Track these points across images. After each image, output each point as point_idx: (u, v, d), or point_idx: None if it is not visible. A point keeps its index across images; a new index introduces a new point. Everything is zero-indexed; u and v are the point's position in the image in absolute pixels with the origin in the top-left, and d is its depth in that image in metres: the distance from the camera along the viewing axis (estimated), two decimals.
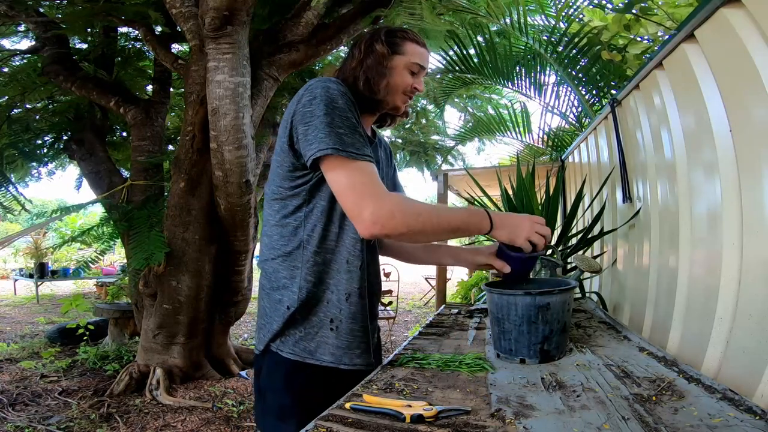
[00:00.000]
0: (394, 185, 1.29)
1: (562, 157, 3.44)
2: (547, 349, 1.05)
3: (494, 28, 3.72)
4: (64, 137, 4.24)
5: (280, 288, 1.03)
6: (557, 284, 1.13)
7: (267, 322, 1.05)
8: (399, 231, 0.94)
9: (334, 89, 0.97)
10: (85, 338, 4.02)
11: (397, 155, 6.87)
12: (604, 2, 3.16)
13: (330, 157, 0.93)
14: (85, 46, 3.97)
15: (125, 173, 4.03)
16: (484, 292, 1.28)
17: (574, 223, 2.23)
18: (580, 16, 3.20)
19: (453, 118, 7.40)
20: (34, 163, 4.83)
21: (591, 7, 3.11)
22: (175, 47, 3.95)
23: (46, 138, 4.52)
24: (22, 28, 3.89)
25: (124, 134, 4.83)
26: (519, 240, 1.03)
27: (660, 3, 2.27)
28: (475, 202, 2.45)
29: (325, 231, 1.02)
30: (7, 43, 4.14)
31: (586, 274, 2.11)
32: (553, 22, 3.65)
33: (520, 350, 1.06)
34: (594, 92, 3.44)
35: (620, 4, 2.29)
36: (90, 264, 3.55)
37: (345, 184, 0.93)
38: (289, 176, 1.02)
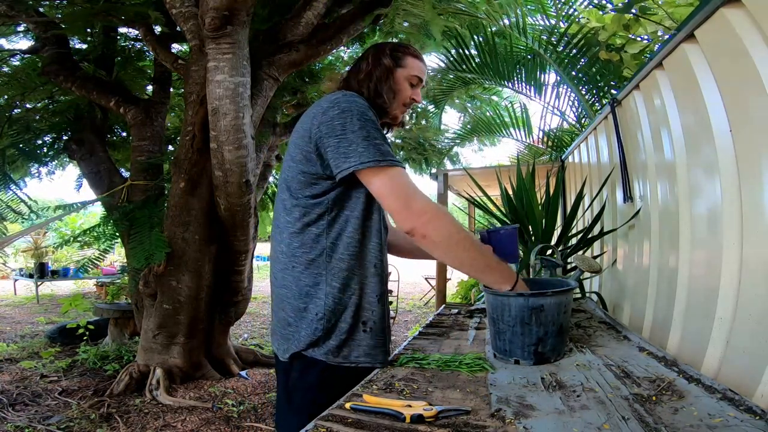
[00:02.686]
0: None
1: (562, 157, 3.44)
2: (542, 351, 1.05)
3: (494, 29, 3.72)
4: (64, 137, 4.23)
5: (303, 296, 1.04)
6: (554, 286, 1.13)
7: (293, 331, 1.06)
8: (436, 236, 1.00)
9: (361, 103, 1.03)
10: (85, 338, 4.02)
11: (397, 155, 6.85)
12: (603, 2, 3.16)
13: (372, 168, 0.98)
14: (85, 46, 3.96)
15: (125, 173, 4.02)
16: (483, 293, 1.28)
17: (574, 223, 2.23)
18: (580, 16, 3.20)
19: (453, 119, 7.39)
20: (35, 163, 4.82)
21: (590, 7, 3.11)
22: (175, 47, 3.94)
23: (46, 138, 4.51)
24: (22, 28, 3.88)
25: (124, 134, 4.82)
26: None
27: (660, 2, 2.26)
28: (475, 202, 2.45)
29: (349, 238, 1.04)
30: (6, 44, 4.14)
31: (586, 274, 2.10)
32: (553, 22, 3.65)
33: (514, 351, 1.07)
34: (594, 92, 3.45)
35: (620, 4, 2.28)
36: (92, 264, 3.53)
37: (391, 186, 0.98)
38: (311, 185, 1.04)
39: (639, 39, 2.57)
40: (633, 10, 2.36)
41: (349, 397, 0.85)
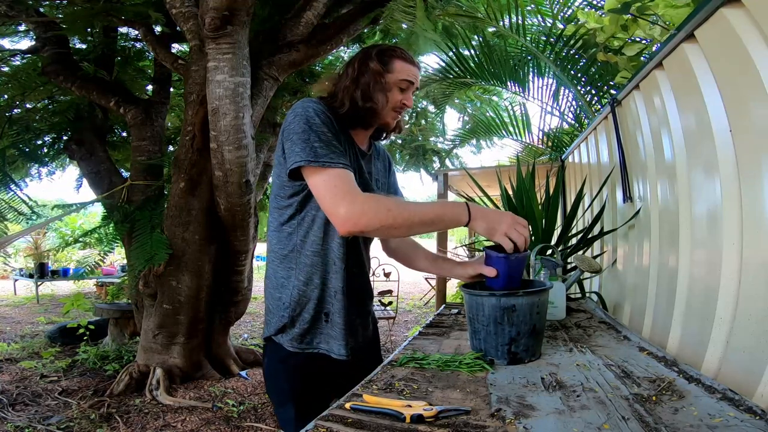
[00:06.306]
0: (395, 193, 1.38)
1: (562, 157, 3.44)
2: (515, 351, 1.05)
3: (492, 29, 3.72)
4: (64, 137, 4.23)
5: (279, 287, 1.15)
6: (530, 286, 1.13)
7: (270, 318, 1.17)
8: (372, 227, 1.02)
9: (312, 108, 1.07)
10: (85, 338, 4.02)
11: (396, 156, 6.88)
12: (601, 4, 3.15)
13: (307, 168, 1.03)
14: (85, 46, 3.96)
15: (125, 173, 4.02)
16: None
17: (574, 223, 2.23)
18: (577, 17, 3.19)
19: (452, 119, 7.40)
20: (35, 164, 4.82)
21: (587, 9, 3.10)
22: (175, 47, 3.95)
23: (46, 138, 4.51)
24: (22, 28, 3.88)
25: (124, 134, 4.82)
26: (497, 234, 1.06)
27: (660, 5, 2.25)
28: (475, 203, 2.46)
29: (314, 236, 1.12)
30: (7, 43, 4.14)
31: (586, 274, 2.11)
32: (551, 22, 3.65)
33: (489, 351, 1.07)
34: (593, 92, 3.45)
35: (619, 5, 2.27)
36: (94, 267, 3.52)
37: (322, 188, 1.03)
38: (284, 188, 1.12)
39: (638, 40, 2.56)
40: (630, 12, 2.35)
41: (349, 397, 0.85)
